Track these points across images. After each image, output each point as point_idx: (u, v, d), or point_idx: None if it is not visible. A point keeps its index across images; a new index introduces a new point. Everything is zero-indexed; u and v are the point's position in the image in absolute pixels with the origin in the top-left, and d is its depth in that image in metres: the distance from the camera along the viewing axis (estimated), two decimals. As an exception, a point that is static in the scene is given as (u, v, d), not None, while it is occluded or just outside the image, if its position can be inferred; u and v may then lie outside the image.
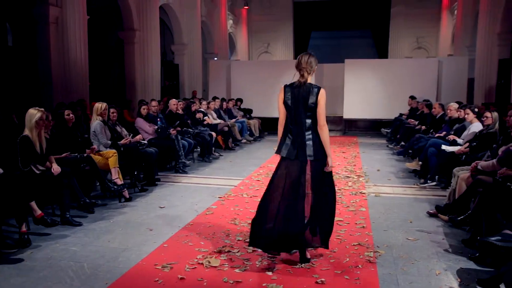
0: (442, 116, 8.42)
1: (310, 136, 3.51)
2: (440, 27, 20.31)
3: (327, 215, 3.65)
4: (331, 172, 3.63)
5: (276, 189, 3.55)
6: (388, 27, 21.37)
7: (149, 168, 6.64)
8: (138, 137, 6.79)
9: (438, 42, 20.54)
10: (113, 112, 6.56)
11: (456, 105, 7.76)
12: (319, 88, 3.50)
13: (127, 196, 5.77)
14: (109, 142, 6.16)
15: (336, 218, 3.99)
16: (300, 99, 3.50)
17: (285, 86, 3.59)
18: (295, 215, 3.50)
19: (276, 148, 3.64)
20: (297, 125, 3.53)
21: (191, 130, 8.76)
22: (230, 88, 14.80)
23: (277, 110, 3.67)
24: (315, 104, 3.47)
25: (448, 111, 7.82)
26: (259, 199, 3.67)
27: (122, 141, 6.39)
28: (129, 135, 6.69)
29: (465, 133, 6.64)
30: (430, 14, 20.51)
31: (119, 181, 5.77)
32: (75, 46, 9.25)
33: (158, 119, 7.92)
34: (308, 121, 3.51)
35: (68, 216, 4.77)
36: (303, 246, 3.63)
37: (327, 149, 3.53)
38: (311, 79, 3.57)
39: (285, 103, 3.56)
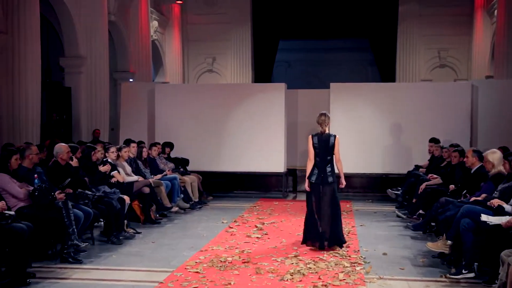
0: (480, 170, 8.61)
1: (330, 168, 8.27)
2: (473, 35, 21.12)
3: (337, 220, 8.30)
4: (336, 192, 8.36)
5: (309, 204, 8.41)
6: (395, 36, 22.01)
7: (17, 255, 6.47)
8: (0, 204, 6.65)
9: (471, 58, 21.34)
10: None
11: (499, 154, 7.95)
12: (335, 136, 8.33)
13: (-21, 304, 5.55)
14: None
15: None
16: (323, 143, 8.29)
17: (312, 136, 8.36)
18: (315, 221, 8.31)
19: (307, 176, 8.45)
20: (321, 160, 8.28)
21: (90, 192, 8.66)
22: (154, 125, 14.75)
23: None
24: (333, 146, 8.27)
25: (486, 163, 7.99)
26: None
27: (-27, 212, 6.22)
28: (-15, 202, 6.54)
29: (516, 195, 6.79)
30: (457, 16, 21.38)
31: (-34, 279, 5.55)
32: None
33: (36, 175, 7.84)
34: (329, 157, 8.29)
35: None
36: (323, 240, 8.23)
37: (342, 173, 8.47)
38: (328, 129, 8.38)
39: (314, 146, 8.29)
